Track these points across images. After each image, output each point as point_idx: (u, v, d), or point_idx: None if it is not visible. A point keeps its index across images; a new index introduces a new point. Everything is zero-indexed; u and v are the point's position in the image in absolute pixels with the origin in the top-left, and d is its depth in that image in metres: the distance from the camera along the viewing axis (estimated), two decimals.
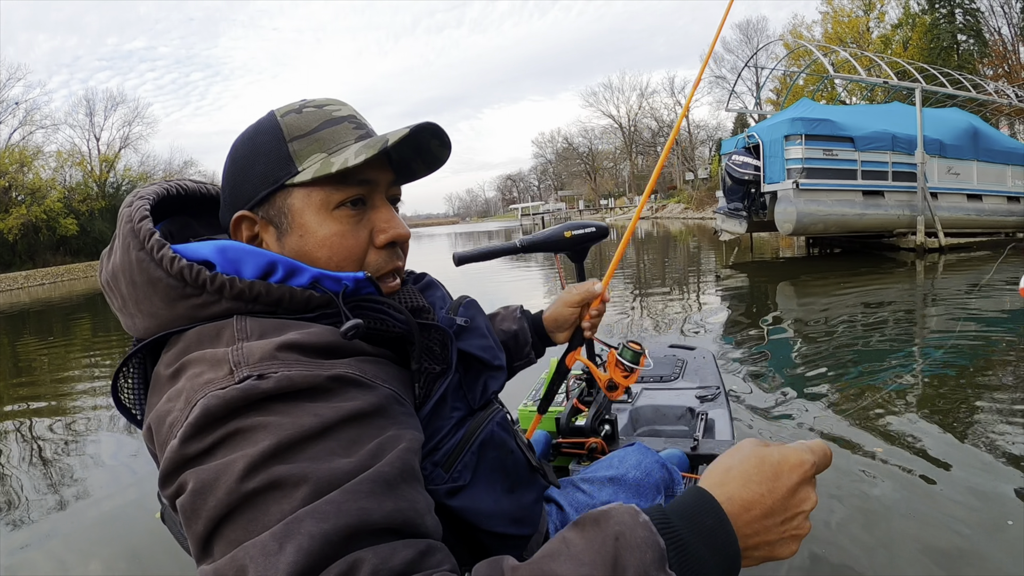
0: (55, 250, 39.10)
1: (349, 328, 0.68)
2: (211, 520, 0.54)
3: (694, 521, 0.55)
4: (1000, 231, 12.53)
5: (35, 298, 21.72)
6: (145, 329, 0.73)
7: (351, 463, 0.57)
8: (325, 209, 0.77)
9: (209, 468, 0.55)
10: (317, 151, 0.77)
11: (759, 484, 0.57)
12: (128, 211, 0.73)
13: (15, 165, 39.08)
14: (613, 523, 0.53)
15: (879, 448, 2.77)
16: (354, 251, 0.79)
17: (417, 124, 0.75)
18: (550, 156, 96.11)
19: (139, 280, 0.70)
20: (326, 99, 0.83)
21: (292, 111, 0.80)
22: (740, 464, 0.58)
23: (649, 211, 52.34)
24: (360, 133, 0.80)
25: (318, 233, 0.77)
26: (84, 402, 5.21)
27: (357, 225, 0.79)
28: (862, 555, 2.01)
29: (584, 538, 0.53)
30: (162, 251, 0.69)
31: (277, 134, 0.78)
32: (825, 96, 25.93)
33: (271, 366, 0.62)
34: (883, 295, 7.07)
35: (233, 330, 0.67)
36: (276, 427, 0.57)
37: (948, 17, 34.08)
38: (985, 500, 2.28)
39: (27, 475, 3.59)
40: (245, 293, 0.69)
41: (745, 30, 50.47)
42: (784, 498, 0.57)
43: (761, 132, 11.58)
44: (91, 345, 8.65)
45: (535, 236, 1.70)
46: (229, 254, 0.72)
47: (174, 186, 0.85)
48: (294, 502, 0.53)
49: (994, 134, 13.25)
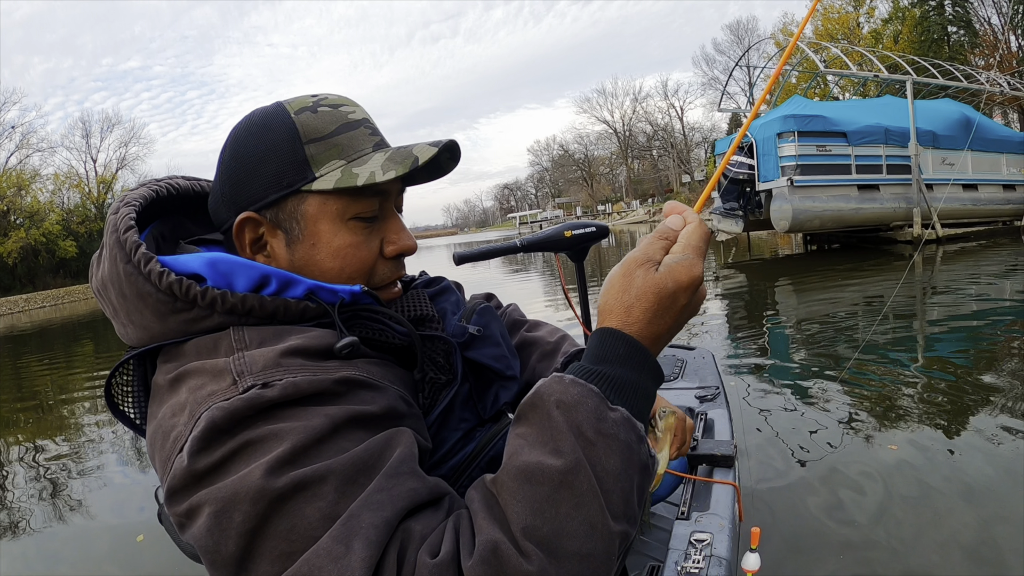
0: (55, 273, 39.26)
1: (344, 346, 0.66)
2: (242, 536, 0.52)
3: (608, 358, 0.59)
4: (997, 220, 12.55)
5: (36, 321, 21.75)
6: (139, 339, 0.70)
7: (369, 446, 0.58)
8: (340, 219, 0.74)
9: (226, 485, 0.53)
10: (335, 158, 0.73)
11: (662, 317, 0.61)
12: (114, 219, 0.70)
13: (13, 189, 39.33)
14: (547, 396, 0.56)
15: (893, 446, 2.76)
16: (366, 262, 0.77)
17: (444, 143, 0.74)
18: (546, 164, 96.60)
19: (128, 293, 0.67)
20: (339, 97, 0.79)
21: (306, 109, 0.75)
22: (639, 301, 0.60)
23: (647, 214, 52.50)
24: (376, 140, 0.77)
25: (332, 243, 0.74)
26: (88, 419, 5.21)
27: (369, 236, 0.76)
28: (886, 550, 2.01)
29: (532, 424, 0.56)
30: (150, 265, 0.66)
31: (292, 133, 0.73)
32: (818, 93, 26.01)
33: (275, 373, 0.60)
34: (882, 289, 7.07)
35: (231, 340, 0.65)
36: (288, 433, 0.56)
37: (938, 9, 34.27)
38: (998, 492, 2.28)
39: (32, 490, 3.58)
40: (238, 307, 0.67)
41: (736, 31, 50.80)
42: (686, 308, 0.62)
43: (754, 131, 11.60)
44: (94, 365, 8.65)
45: (535, 236, 1.71)
46: (220, 267, 0.68)
47: (164, 186, 0.81)
48: (327, 497, 0.53)
49: (987, 123, 13.30)
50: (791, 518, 2.22)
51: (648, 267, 0.62)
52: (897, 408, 3.24)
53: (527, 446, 0.55)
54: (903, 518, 2.15)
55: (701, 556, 1.32)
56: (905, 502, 2.25)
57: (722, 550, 1.35)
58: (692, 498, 1.61)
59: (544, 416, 0.55)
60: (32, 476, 4.00)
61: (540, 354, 1.04)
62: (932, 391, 3.46)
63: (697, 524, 1.46)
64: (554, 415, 0.54)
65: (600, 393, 0.56)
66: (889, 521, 2.14)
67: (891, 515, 2.17)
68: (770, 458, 2.70)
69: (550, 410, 0.55)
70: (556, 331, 1.09)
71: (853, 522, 2.16)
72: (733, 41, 50.32)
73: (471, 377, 0.84)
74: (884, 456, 2.64)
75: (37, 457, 4.41)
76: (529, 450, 0.54)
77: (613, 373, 0.58)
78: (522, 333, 1.09)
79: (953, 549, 1.95)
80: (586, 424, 0.53)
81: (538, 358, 1.03)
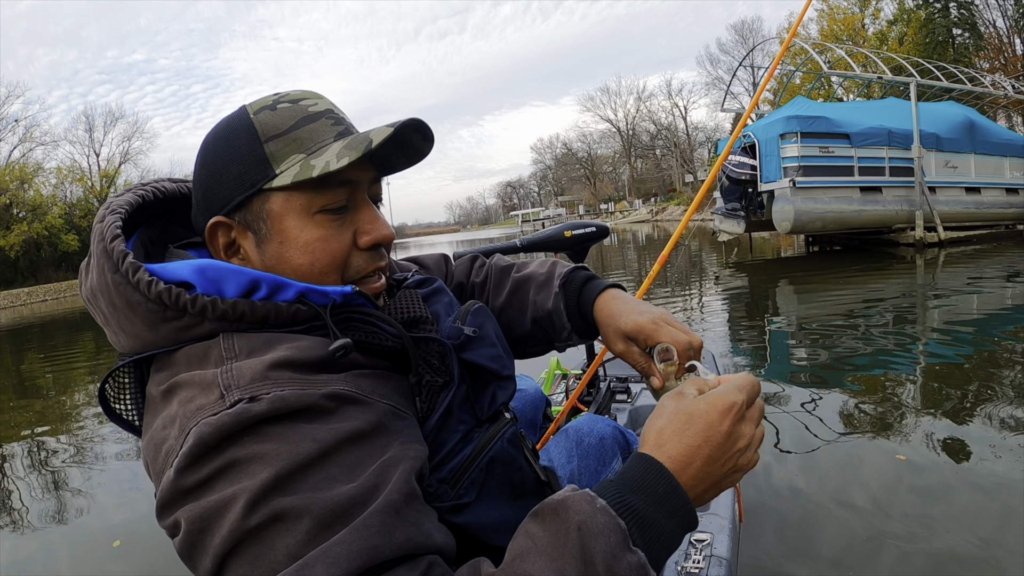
0: (57, 266, 39.29)
1: (337, 348, 0.65)
2: (217, 556, 0.54)
3: (646, 492, 0.58)
4: (1000, 223, 12.52)
5: (38, 314, 21.77)
6: (131, 347, 0.71)
7: (354, 489, 0.56)
8: (306, 213, 0.73)
9: (208, 504, 0.55)
10: (295, 152, 0.72)
11: (693, 437, 0.60)
12: (100, 228, 0.70)
13: (15, 182, 39.31)
14: (572, 513, 0.55)
15: (900, 456, 2.76)
16: (337, 255, 0.75)
17: (401, 122, 0.71)
18: (549, 162, 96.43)
19: (118, 302, 0.67)
20: (301, 92, 0.78)
21: (266, 107, 0.75)
22: (670, 423, 0.61)
23: (649, 214, 52.43)
24: (339, 130, 0.75)
25: (300, 239, 0.73)
26: (90, 420, 5.21)
27: (340, 228, 0.75)
28: (888, 550, 2.02)
29: (548, 531, 0.55)
30: (138, 274, 0.66)
31: (251, 133, 0.73)
32: (822, 94, 25.96)
33: (262, 387, 0.60)
34: (884, 291, 7.07)
35: (221, 349, 0.65)
36: (273, 457, 0.56)
37: (943, 12, 34.15)
38: (1004, 493, 2.28)
39: (34, 488, 3.58)
40: (229, 314, 0.67)
41: (740, 31, 50.67)
42: (721, 443, 0.61)
43: (757, 131, 11.59)
44: (96, 358, 8.66)
45: (536, 236, 1.72)
46: (209, 274, 0.68)
47: (150, 191, 0.81)
48: (298, 535, 0.53)
49: (991, 126, 13.26)
50: (791, 518, 2.22)
51: (680, 397, 0.64)
52: (898, 409, 3.24)
53: (535, 553, 0.55)
54: (905, 518, 2.15)
55: (701, 556, 1.33)
56: (907, 503, 2.25)
57: (722, 550, 1.36)
58: None
59: (562, 531, 0.55)
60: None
61: (536, 287, 1.04)
62: (934, 393, 3.46)
63: None
64: (572, 536, 0.54)
65: (626, 530, 0.55)
66: (891, 521, 2.14)
67: (893, 516, 2.17)
68: (771, 458, 2.70)
69: (570, 528, 0.54)
70: (544, 262, 1.10)
71: (854, 523, 2.16)
72: (737, 41, 50.23)
73: (468, 378, 0.82)
74: (886, 457, 2.64)
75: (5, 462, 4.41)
76: (535, 559, 0.54)
77: (646, 513, 0.57)
78: (512, 276, 1.09)
79: (959, 547, 1.95)
80: (600, 558, 0.53)
81: (535, 291, 1.04)
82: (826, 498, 2.34)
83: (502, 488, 0.83)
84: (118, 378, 0.76)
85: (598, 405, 2.24)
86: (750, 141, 11.54)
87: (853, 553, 1.99)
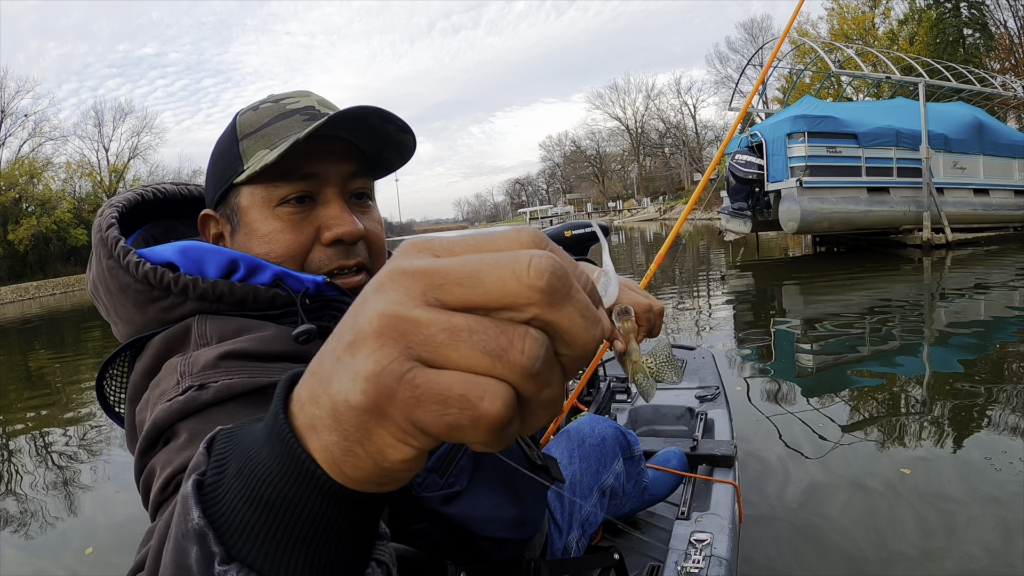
0: (65, 260, 39.47)
1: (301, 333, 0.66)
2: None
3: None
4: (1008, 225, 12.42)
5: (46, 308, 21.89)
6: (126, 334, 0.74)
7: None
8: (267, 206, 0.76)
9: (152, 467, 0.58)
10: (262, 147, 0.75)
11: None
12: (98, 220, 0.75)
13: (25, 177, 39.50)
14: None
15: (905, 469, 2.76)
16: (292, 248, 0.76)
17: (338, 112, 0.70)
18: (558, 159, 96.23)
19: (113, 288, 0.71)
20: (290, 92, 0.81)
21: (251, 108, 0.80)
22: None
23: (657, 212, 52.32)
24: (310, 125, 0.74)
25: (260, 230, 0.76)
26: (95, 412, 5.25)
27: (302, 222, 0.76)
28: (889, 552, 2.02)
29: None
30: (128, 257, 0.70)
31: (232, 133, 0.78)
32: (831, 94, 25.82)
33: (212, 375, 0.61)
34: (890, 292, 7.04)
35: (195, 333, 0.67)
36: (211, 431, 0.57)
37: (953, 11, 33.93)
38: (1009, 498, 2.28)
39: (41, 480, 3.61)
40: (208, 293, 0.69)
41: (750, 29, 50.44)
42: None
43: (764, 131, 11.54)
44: (103, 351, 8.71)
45: None
46: (191, 254, 0.71)
47: (150, 191, 0.86)
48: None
49: (1000, 127, 13.14)
50: (792, 519, 2.23)
51: None
52: (902, 411, 3.24)
53: None
54: (907, 521, 2.16)
55: (701, 556, 1.34)
56: (909, 504, 2.26)
57: (722, 550, 1.36)
58: (692, 498, 1.63)
59: None
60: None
61: None
62: (938, 395, 3.45)
63: (697, 524, 1.48)
64: None
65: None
66: (892, 523, 2.15)
67: (894, 517, 2.18)
68: (772, 458, 2.70)
69: None
70: None
71: (855, 524, 2.17)
72: (747, 39, 49.99)
73: None
74: (888, 459, 2.64)
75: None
76: None
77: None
78: None
79: (961, 555, 1.96)
80: None
81: None
82: (828, 497, 2.34)
83: (495, 475, 0.83)
84: (113, 376, 0.79)
85: (598, 405, 2.25)
86: (757, 140, 11.49)
87: (853, 553, 2.00)
